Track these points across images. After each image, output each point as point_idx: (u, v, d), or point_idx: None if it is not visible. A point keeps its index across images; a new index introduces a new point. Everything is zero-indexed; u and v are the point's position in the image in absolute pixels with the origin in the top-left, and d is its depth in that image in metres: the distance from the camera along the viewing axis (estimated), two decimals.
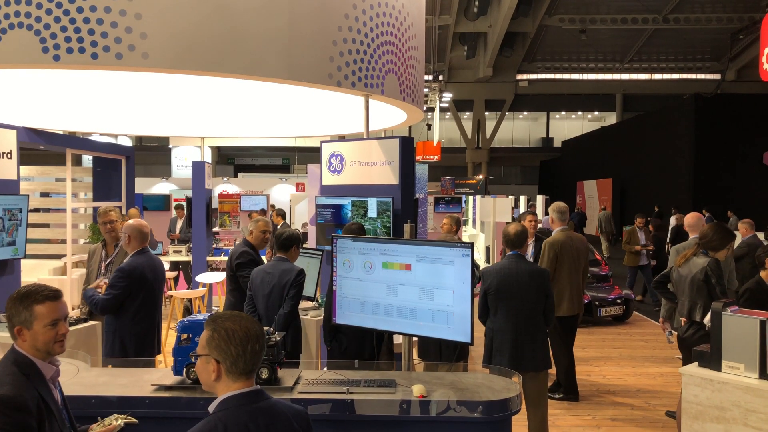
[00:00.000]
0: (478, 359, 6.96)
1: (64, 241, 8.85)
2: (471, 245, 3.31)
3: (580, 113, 40.40)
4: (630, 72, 34.07)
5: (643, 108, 32.54)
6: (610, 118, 37.87)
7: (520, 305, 4.39)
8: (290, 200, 19.07)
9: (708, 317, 4.12)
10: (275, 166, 36.26)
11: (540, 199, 18.65)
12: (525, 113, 40.08)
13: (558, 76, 34.65)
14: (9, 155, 5.21)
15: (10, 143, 5.22)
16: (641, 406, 5.92)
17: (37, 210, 10.98)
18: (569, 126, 40.21)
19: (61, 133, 8.62)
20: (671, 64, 33.59)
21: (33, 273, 8.12)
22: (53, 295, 2.31)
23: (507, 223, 11.51)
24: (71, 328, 4.17)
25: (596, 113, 39.98)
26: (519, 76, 34.76)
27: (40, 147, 8.32)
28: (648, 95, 35.02)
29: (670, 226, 14.83)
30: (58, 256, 9.15)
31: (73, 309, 6.27)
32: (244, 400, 1.95)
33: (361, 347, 4.27)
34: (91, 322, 4.83)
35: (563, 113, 40.43)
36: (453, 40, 30.60)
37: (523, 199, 18.25)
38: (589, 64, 34.10)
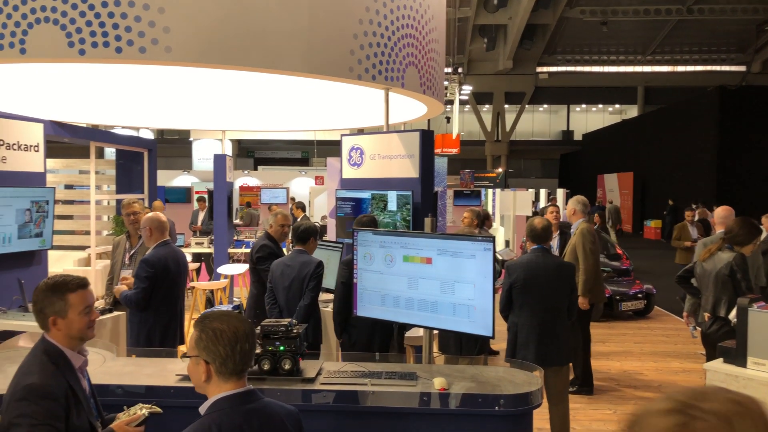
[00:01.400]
0: (503, 353, 6.95)
1: (88, 233, 8.99)
2: (492, 239, 3.31)
3: (601, 106, 39.96)
4: (652, 64, 33.58)
5: (665, 101, 32.06)
6: (632, 111, 37.41)
7: (546, 299, 4.37)
8: (309, 193, 19.15)
9: (734, 313, 4.07)
10: (294, 159, 36.39)
11: (560, 193, 18.51)
12: (545, 106, 39.74)
13: (579, 68, 34.26)
14: (36, 148, 5.29)
15: (37, 136, 5.31)
16: None
17: (61, 202, 11.15)
18: (590, 119, 39.80)
19: (85, 126, 8.73)
20: (695, 56, 33.03)
21: (58, 264, 8.25)
22: (83, 283, 2.37)
23: (528, 216, 11.46)
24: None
25: (617, 106, 39.51)
26: (539, 69, 34.43)
27: (65, 140, 8.44)
28: (671, 88, 34.50)
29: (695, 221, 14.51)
30: (82, 248, 9.29)
31: (97, 299, 6.37)
32: (237, 401, 1.92)
33: (370, 340, 4.29)
34: (116, 313, 4.91)
35: (584, 106, 40.01)
36: (473, 33, 30.40)
37: (543, 192, 18.13)
38: (610, 57, 33.66)
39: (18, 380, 2.21)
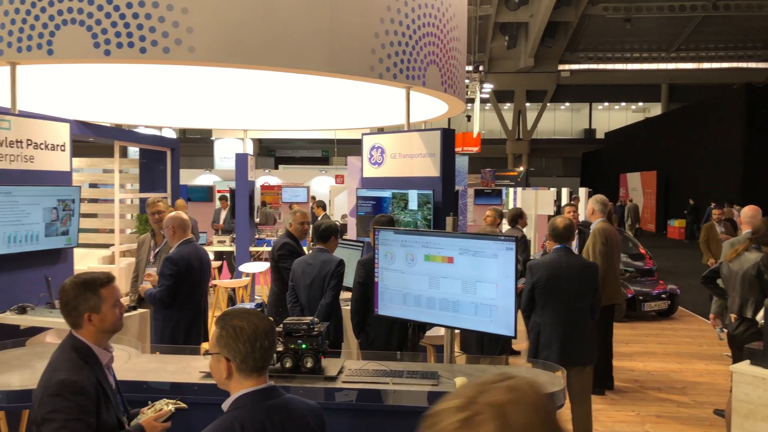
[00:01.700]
0: (524, 353, 6.92)
1: (112, 231, 9.11)
2: (515, 239, 3.29)
3: (623, 104, 39.50)
4: (677, 61, 33.09)
5: (690, 98, 31.60)
6: (655, 109, 36.93)
7: (569, 299, 4.34)
8: (330, 192, 19.20)
9: (761, 314, 4.01)
10: (315, 158, 36.52)
11: (582, 192, 18.34)
12: (567, 104, 39.39)
13: (601, 66, 33.90)
14: (63, 147, 5.38)
15: (63, 136, 5.39)
16: (687, 403, 5.80)
17: (85, 200, 11.32)
18: (612, 117, 39.37)
19: (109, 125, 8.85)
20: (720, 52, 32.49)
21: (83, 261, 8.38)
22: (111, 277, 2.44)
23: (549, 216, 11.37)
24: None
25: (641, 104, 39.03)
26: (561, 67, 34.14)
27: (90, 139, 8.56)
28: (695, 85, 33.99)
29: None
30: (106, 246, 9.42)
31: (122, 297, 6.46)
32: (259, 397, 1.94)
33: (388, 340, 4.30)
34: (140, 310, 4.98)
35: (606, 104, 39.59)
36: (494, 30, 30.23)
37: (565, 191, 17.96)
38: (633, 54, 33.25)
39: (50, 376, 2.25)
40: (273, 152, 37.83)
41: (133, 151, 14.57)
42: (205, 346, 5.18)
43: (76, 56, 4.45)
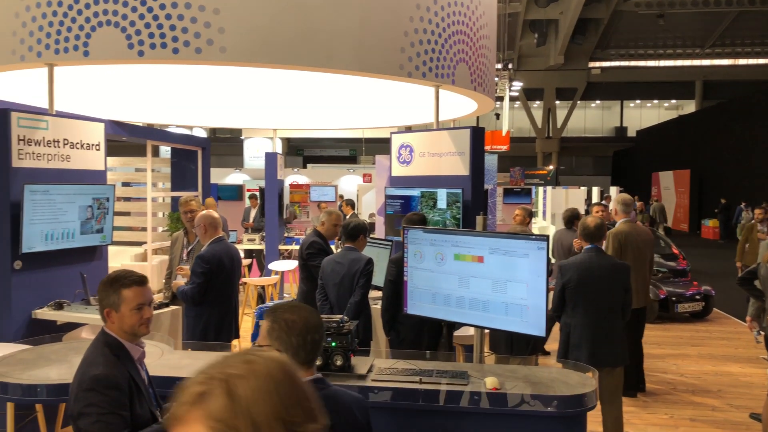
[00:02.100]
0: (554, 354, 6.85)
1: (144, 229, 9.26)
2: (546, 238, 3.26)
3: (656, 101, 38.82)
4: (711, 57, 32.36)
5: (725, 95, 30.90)
6: (689, 107, 36.20)
7: (599, 300, 4.28)
8: (357, 191, 19.26)
9: None
10: (342, 157, 36.64)
11: (613, 191, 18.08)
12: (597, 102, 38.86)
13: (633, 63, 33.33)
14: (97, 147, 5.48)
15: (98, 136, 5.49)
16: (722, 407, 5.67)
17: (118, 199, 11.53)
18: (644, 115, 38.71)
19: (142, 125, 8.99)
20: (757, 48, 31.67)
21: (116, 259, 8.53)
22: (139, 280, 2.43)
23: (581, 215, 11.23)
24: (154, 312, 4.37)
25: (674, 101, 38.30)
26: (591, 64, 33.66)
27: (123, 139, 8.72)
28: (731, 81, 33.22)
29: (744, 221, 13.85)
30: (139, 243, 9.58)
31: (155, 293, 6.57)
32: None
33: (418, 338, 4.29)
34: (172, 307, 5.05)
35: (638, 102, 38.95)
36: (523, 28, 29.96)
37: (595, 190, 17.74)
38: (666, 50, 32.61)
39: (84, 371, 2.29)
40: (301, 151, 38.08)
41: (165, 150, 14.79)
42: (235, 343, 5.24)
43: (111, 57, 4.53)
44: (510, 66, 24.31)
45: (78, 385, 2.26)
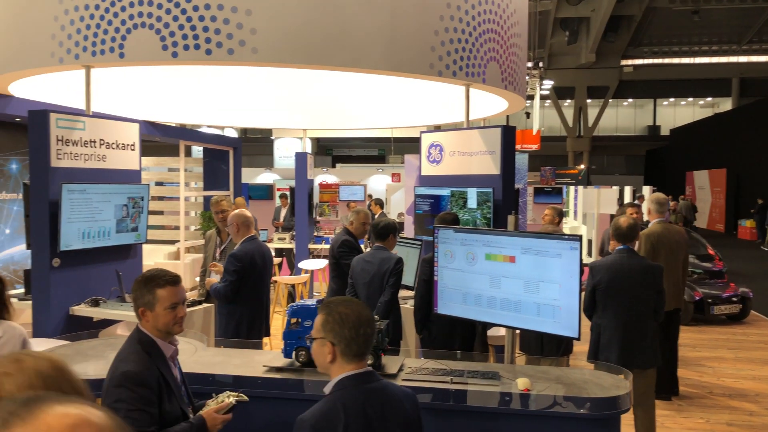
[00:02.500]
0: (580, 355, 6.77)
1: (177, 228, 9.41)
2: (579, 238, 3.22)
3: (690, 99, 38.03)
4: (748, 54, 31.56)
5: (763, 92, 30.13)
6: (725, 104, 35.39)
7: (630, 301, 4.22)
8: (386, 190, 19.27)
9: None
10: (371, 157, 36.69)
11: (647, 190, 17.77)
12: (630, 100, 38.23)
13: (667, 60, 32.68)
14: (132, 147, 5.59)
15: (133, 136, 5.60)
16: (760, 412, 5.54)
17: (152, 198, 11.73)
18: (678, 113, 37.97)
19: (174, 125, 9.13)
20: None
21: (150, 257, 8.69)
22: (173, 280, 2.46)
23: (612, 215, 11.06)
24: (188, 310, 4.45)
25: (709, 99, 37.48)
26: (624, 62, 33.12)
27: (157, 139, 8.87)
28: None
29: None
30: (172, 242, 9.74)
31: (189, 291, 6.67)
32: (359, 380, 2.03)
33: (450, 338, 4.27)
34: (205, 305, 5.12)
35: (672, 100, 38.21)
36: (554, 26, 29.64)
37: (628, 189, 17.44)
38: (701, 47, 31.90)
39: (116, 367, 2.34)
40: (330, 151, 38.25)
41: (197, 150, 15.00)
42: (266, 340, 5.29)
43: (146, 59, 4.61)
44: (540, 64, 24.06)
45: (109, 381, 2.31)
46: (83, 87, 5.11)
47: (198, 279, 5.77)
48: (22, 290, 5.87)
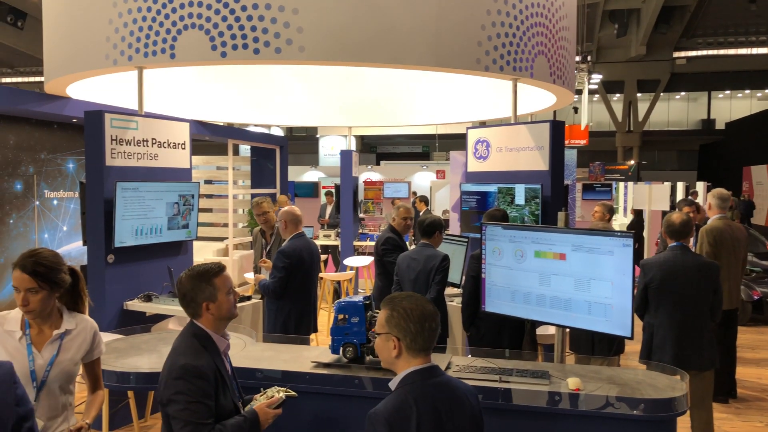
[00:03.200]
0: (631, 355, 6.60)
1: (225, 225, 9.59)
2: (632, 234, 3.13)
3: (747, 92, 36.60)
4: None
5: None
6: None
7: (685, 300, 4.08)
8: (431, 187, 19.20)
9: None
10: (415, 154, 36.63)
11: (700, 186, 17.22)
12: (682, 93, 37.03)
13: (722, 51, 31.52)
14: (183, 146, 5.71)
15: (183, 135, 5.72)
16: None
17: (201, 196, 11.97)
18: (734, 106, 36.59)
19: (223, 125, 9.30)
20: None
21: (199, 253, 8.88)
22: (222, 267, 2.54)
23: (664, 211, 10.76)
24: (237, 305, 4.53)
25: (767, 91, 36.01)
26: (676, 54, 32.09)
27: (206, 138, 9.05)
28: None
29: None
30: (220, 239, 9.93)
31: (236, 287, 6.78)
32: (426, 374, 2.04)
33: (499, 335, 4.21)
34: (253, 300, 5.20)
35: (727, 92, 36.85)
36: (602, 18, 28.95)
37: (680, 185, 16.94)
38: (759, 37, 30.66)
39: (174, 360, 2.38)
40: (375, 148, 38.35)
41: (245, 149, 15.25)
42: (313, 336, 5.34)
43: (196, 59, 4.70)
44: (589, 58, 23.57)
45: (168, 373, 2.35)
46: (136, 88, 5.25)
47: (251, 276, 5.88)
48: None
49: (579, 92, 22.91)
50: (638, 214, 11.96)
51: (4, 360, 1.81)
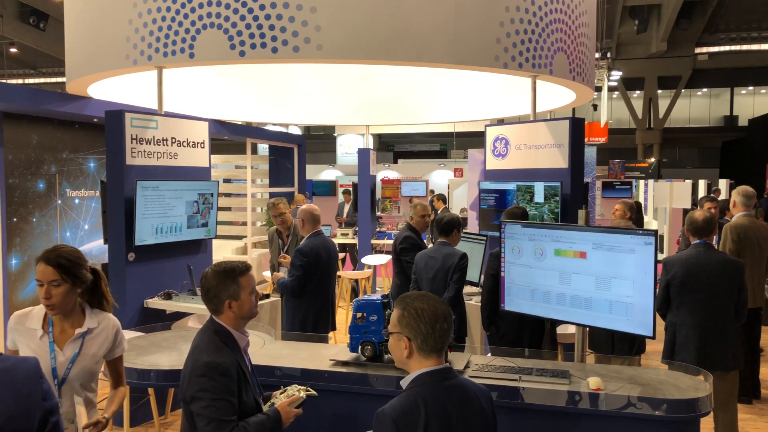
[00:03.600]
0: (652, 355, 6.52)
1: (244, 223, 9.65)
2: (654, 233, 3.08)
3: None
4: None
5: None
6: None
7: (708, 298, 4.02)
8: (448, 185, 19.14)
9: None
10: (433, 152, 36.52)
11: (723, 184, 16.97)
12: (704, 90, 36.52)
13: (745, 47, 30.99)
14: (202, 145, 5.75)
15: (203, 134, 5.76)
16: None
17: (220, 194, 12.05)
18: (758, 102, 35.98)
19: (241, 123, 9.35)
20: None
21: (218, 252, 8.94)
22: (248, 267, 2.56)
23: (686, 210, 10.62)
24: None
25: None
26: (698, 50, 31.61)
27: (225, 137, 9.11)
28: None
29: None
30: (239, 237, 9.99)
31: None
32: (438, 376, 2.02)
33: (519, 334, 4.18)
34: (272, 298, 5.22)
35: (751, 88, 36.25)
36: (622, 15, 28.63)
37: (702, 183, 16.70)
38: None
39: (196, 357, 2.38)
40: (392, 147, 38.29)
41: (263, 147, 15.32)
42: (331, 334, 5.35)
43: (215, 58, 4.72)
44: (608, 55, 23.33)
45: (191, 371, 2.36)
46: (156, 87, 5.29)
47: (268, 274, 5.90)
48: None
49: (598, 89, 22.70)
50: (638, 210, 11.77)
51: (28, 356, 1.83)
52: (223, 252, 9.28)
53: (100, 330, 2.61)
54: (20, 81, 30.04)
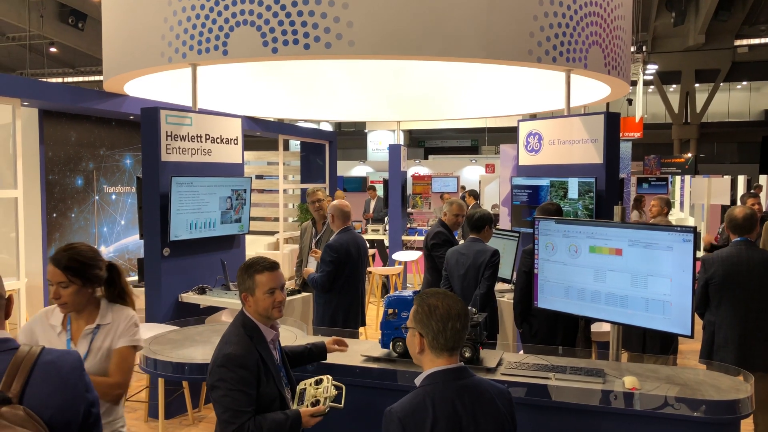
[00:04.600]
0: (688, 354, 6.39)
1: (276, 219, 9.73)
2: (693, 229, 3.01)
3: None
4: None
5: None
6: None
7: (749, 297, 3.91)
8: (479, 181, 19.02)
9: None
10: (464, 148, 36.31)
11: (764, 180, 16.50)
12: (744, 83, 35.55)
13: None
14: (235, 141, 5.80)
15: (236, 131, 5.82)
16: None
17: (256, 191, 12.16)
18: None
19: (273, 120, 9.42)
20: None
21: (251, 247, 9.03)
22: (271, 266, 2.57)
23: (724, 206, 10.37)
24: (288, 298, 4.57)
25: None
26: (738, 42, 30.77)
27: (257, 133, 9.19)
28: None
29: None
30: (271, 233, 10.08)
31: (287, 280, 6.86)
32: (450, 376, 1.99)
33: (552, 332, 4.13)
34: (303, 294, 5.25)
35: None
36: (658, 7, 28.02)
37: (741, 179, 16.26)
38: None
39: (220, 348, 2.49)
40: (423, 143, 38.18)
41: (295, 144, 15.43)
42: (361, 330, 5.36)
43: (248, 55, 4.76)
44: (644, 48, 22.87)
45: (213, 361, 2.46)
46: (190, 84, 5.36)
47: (295, 269, 5.93)
48: (135, 278, 6.27)
49: (634, 83, 22.26)
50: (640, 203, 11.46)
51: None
52: (255, 247, 9.38)
53: (112, 325, 2.58)
54: (59, 80, 30.77)
